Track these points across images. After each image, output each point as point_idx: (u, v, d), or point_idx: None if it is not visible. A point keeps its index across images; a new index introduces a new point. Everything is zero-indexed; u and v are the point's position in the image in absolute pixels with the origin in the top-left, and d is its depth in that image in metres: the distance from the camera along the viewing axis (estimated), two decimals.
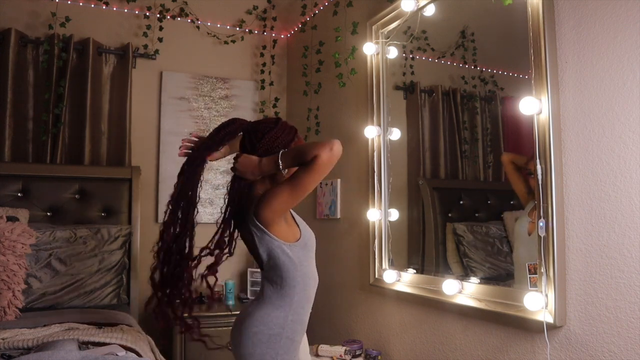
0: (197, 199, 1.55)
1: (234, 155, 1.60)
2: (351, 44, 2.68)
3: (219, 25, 3.45)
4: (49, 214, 2.78)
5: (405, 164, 2.45)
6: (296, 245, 1.55)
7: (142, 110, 3.21)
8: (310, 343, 1.99)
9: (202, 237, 1.61)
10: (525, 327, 1.68)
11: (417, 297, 2.18)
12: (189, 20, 3.34)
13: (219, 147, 1.60)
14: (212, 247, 1.55)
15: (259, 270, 1.77)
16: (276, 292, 1.53)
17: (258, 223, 1.49)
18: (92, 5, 3.11)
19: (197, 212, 1.56)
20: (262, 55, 3.55)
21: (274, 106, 3.47)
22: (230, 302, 3.03)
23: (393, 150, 2.44)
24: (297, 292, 1.55)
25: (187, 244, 1.54)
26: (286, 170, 1.48)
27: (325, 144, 1.38)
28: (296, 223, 1.61)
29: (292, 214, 1.63)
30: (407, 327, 2.28)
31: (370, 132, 2.47)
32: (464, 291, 1.90)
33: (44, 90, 2.89)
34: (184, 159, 1.63)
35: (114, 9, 3.17)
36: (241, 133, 1.61)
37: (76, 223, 2.78)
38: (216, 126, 1.62)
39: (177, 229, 1.53)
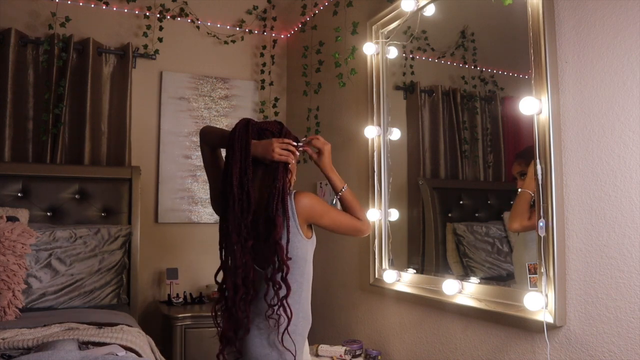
0: None
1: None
2: (351, 44, 2.68)
3: (219, 25, 3.45)
4: (49, 214, 2.78)
5: (405, 164, 2.45)
6: (310, 241, 1.60)
7: (142, 110, 3.21)
8: (310, 343, 1.99)
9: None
10: (525, 327, 1.68)
11: (417, 297, 2.18)
12: (189, 20, 3.34)
13: None
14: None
15: None
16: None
17: (298, 222, 1.54)
18: (92, 5, 3.11)
19: None
20: (262, 55, 3.55)
21: (274, 106, 3.47)
22: None
23: (393, 150, 2.44)
24: (304, 289, 1.59)
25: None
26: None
27: (368, 224, 1.71)
28: None
29: None
30: (407, 327, 2.28)
31: (370, 132, 2.47)
32: (464, 291, 1.90)
33: (44, 90, 2.89)
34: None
35: (114, 9, 3.17)
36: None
37: (76, 223, 2.78)
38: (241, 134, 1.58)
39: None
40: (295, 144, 1.60)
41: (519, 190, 1.71)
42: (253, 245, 1.54)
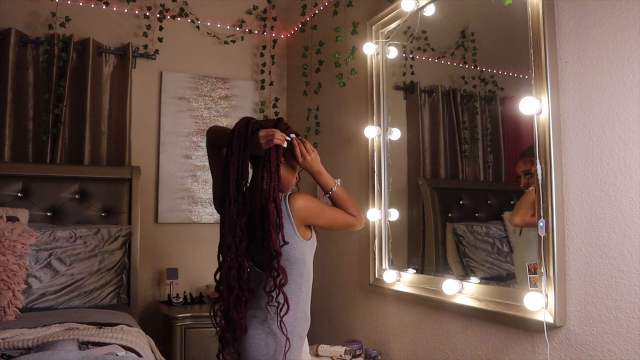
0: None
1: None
2: (351, 44, 2.68)
3: (219, 25, 3.45)
4: (49, 214, 2.78)
5: (405, 164, 2.45)
6: (308, 242, 1.59)
7: (142, 110, 3.21)
8: (310, 343, 1.99)
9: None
10: (525, 327, 1.68)
11: (417, 297, 2.18)
12: (189, 20, 3.34)
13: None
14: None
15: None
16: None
17: (294, 224, 1.53)
18: (92, 5, 3.11)
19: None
20: (262, 55, 3.55)
21: (274, 106, 3.47)
22: None
23: (393, 150, 2.44)
24: (303, 290, 1.58)
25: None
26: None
27: (361, 218, 1.70)
28: None
29: None
30: (407, 327, 2.28)
31: (370, 132, 2.47)
32: (463, 291, 1.90)
33: (44, 90, 2.89)
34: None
35: (114, 9, 3.17)
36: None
37: (76, 223, 2.78)
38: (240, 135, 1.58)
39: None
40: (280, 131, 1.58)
41: (530, 189, 1.70)
42: (248, 247, 1.53)
